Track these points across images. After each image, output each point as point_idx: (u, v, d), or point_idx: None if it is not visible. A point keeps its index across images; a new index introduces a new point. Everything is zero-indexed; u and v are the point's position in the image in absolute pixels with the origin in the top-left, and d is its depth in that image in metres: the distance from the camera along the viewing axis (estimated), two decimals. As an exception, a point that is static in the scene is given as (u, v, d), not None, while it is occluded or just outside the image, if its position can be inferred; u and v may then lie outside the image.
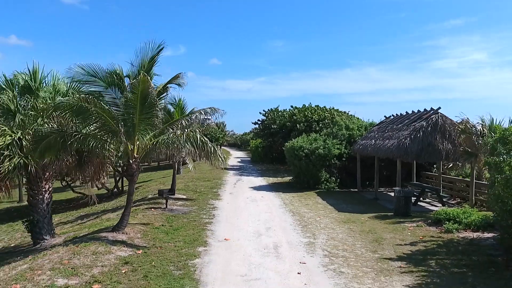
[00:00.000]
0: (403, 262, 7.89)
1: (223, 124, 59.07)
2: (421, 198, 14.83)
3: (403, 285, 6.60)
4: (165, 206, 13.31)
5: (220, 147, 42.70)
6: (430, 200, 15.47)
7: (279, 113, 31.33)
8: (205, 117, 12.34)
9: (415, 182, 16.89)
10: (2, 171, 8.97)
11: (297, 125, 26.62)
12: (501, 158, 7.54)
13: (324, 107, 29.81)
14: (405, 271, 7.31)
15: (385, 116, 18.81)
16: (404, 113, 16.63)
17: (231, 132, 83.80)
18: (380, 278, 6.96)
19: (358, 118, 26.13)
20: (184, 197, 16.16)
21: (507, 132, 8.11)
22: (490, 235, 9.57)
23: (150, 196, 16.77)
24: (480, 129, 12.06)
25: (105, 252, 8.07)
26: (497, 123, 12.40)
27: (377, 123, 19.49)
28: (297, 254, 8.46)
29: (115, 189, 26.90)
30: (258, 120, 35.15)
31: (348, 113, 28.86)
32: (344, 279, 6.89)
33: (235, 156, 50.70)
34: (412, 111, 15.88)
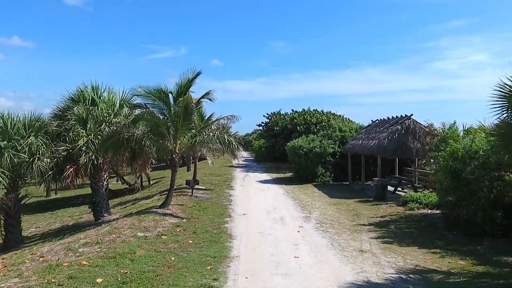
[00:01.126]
0: (371, 226, 11.18)
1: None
2: (399, 188, 18.09)
3: (368, 237, 9.88)
4: (191, 193, 16.57)
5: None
6: (408, 190, 18.73)
7: (281, 116, 34.65)
8: (226, 122, 15.72)
9: (396, 175, 20.15)
10: (81, 163, 12.25)
11: (297, 127, 29.95)
12: (438, 153, 10.82)
13: (322, 111, 33.12)
14: (371, 230, 10.60)
15: (372, 120, 22.17)
16: (386, 118, 19.94)
17: (234, 133, 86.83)
18: (353, 234, 10.24)
19: (350, 121, 29.42)
20: (203, 187, 19.43)
21: (447, 134, 11.37)
22: (440, 211, 12.83)
23: (175, 187, 20.00)
24: (441, 131, 15.32)
25: (161, 220, 11.36)
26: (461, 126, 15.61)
27: (366, 126, 22.78)
28: (297, 222, 11.73)
29: (135, 184, 30.28)
30: (262, 122, 38.49)
31: (343, 116, 32.18)
32: (329, 234, 10.16)
33: (239, 156, 53.94)
34: (392, 116, 19.19)
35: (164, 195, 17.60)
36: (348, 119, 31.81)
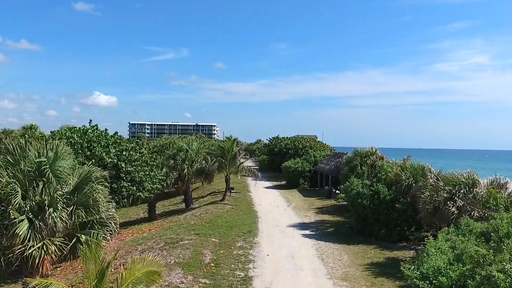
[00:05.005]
0: (316, 208, 25.81)
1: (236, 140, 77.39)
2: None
3: (312, 212, 24.49)
4: (230, 194, 31.07)
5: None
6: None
7: (279, 141, 49.34)
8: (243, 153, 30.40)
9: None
10: (185, 180, 26.91)
11: (289, 150, 44.61)
12: (343, 172, 25.42)
13: (308, 138, 47.80)
14: (315, 210, 25.23)
15: (332, 152, 36.71)
16: (337, 152, 34.49)
17: (241, 143, 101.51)
18: (307, 211, 24.86)
19: (325, 146, 44.06)
20: (234, 191, 34.01)
21: (361, 155, 25.91)
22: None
23: (216, 190, 34.63)
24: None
25: (224, 206, 25.94)
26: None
27: (329, 155, 37.38)
28: (284, 207, 26.33)
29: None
30: (265, 144, 53.21)
31: (321, 142, 46.84)
32: (296, 211, 24.76)
33: (247, 165, 68.81)
34: (339, 152, 33.72)
35: (213, 195, 32.37)
36: (326, 144, 46.56)
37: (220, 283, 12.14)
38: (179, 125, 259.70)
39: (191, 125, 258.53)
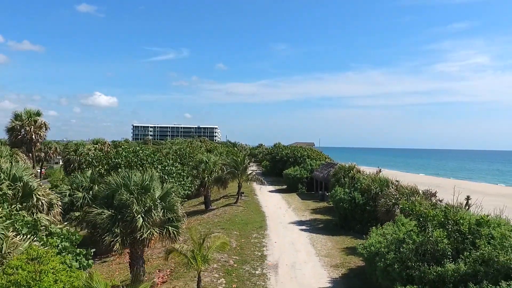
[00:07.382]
0: (311, 209, 32.42)
1: (240, 145, 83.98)
2: (334, 195, 39.12)
3: (307, 212, 31.09)
4: (241, 197, 37.59)
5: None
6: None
7: (280, 149, 55.92)
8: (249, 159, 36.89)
9: (336, 189, 41.26)
10: (206, 187, 33.50)
11: (289, 159, 51.20)
12: (331, 182, 32.02)
13: (306, 146, 54.32)
14: (310, 210, 31.83)
15: (326, 162, 43.28)
16: (329, 163, 41.04)
17: (246, 146, 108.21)
18: (303, 211, 31.46)
19: (321, 154, 50.66)
20: (244, 195, 40.54)
21: (344, 169, 32.51)
22: (339, 204, 33.95)
23: (228, 194, 41.18)
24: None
25: (238, 207, 32.53)
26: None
27: (323, 164, 43.93)
28: (285, 208, 32.93)
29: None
30: (267, 149, 59.75)
31: (317, 151, 53.38)
32: (295, 212, 31.36)
33: (251, 169, 75.40)
34: (329, 162, 40.26)
35: (226, 198, 38.97)
36: (321, 152, 53.13)
37: (246, 258, 18.74)
38: (181, 127, 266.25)
39: (192, 127, 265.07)
